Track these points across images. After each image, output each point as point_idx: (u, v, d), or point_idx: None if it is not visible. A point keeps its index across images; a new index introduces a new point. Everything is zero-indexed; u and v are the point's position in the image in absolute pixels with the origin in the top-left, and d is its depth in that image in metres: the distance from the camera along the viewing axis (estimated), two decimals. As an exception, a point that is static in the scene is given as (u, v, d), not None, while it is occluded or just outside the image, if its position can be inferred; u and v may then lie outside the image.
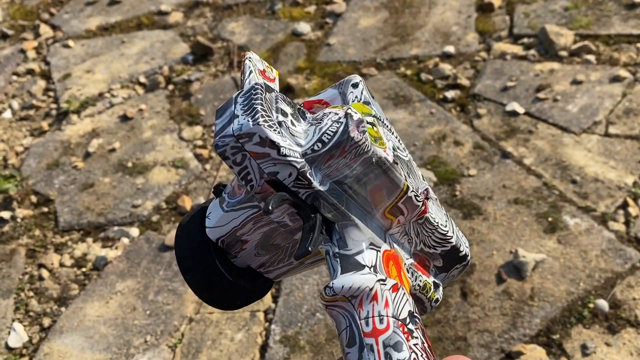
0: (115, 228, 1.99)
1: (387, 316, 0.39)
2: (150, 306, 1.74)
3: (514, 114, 2.10)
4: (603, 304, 1.51)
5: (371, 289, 0.40)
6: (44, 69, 2.85)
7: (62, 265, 1.92)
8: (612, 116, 2.02)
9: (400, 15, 2.74)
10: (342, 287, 0.40)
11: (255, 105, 0.40)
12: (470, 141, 2.04)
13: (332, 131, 0.40)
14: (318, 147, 0.40)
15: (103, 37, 2.98)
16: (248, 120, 0.39)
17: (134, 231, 1.96)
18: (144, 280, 1.81)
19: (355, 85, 0.48)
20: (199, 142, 2.27)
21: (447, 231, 0.48)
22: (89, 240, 1.98)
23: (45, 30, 3.09)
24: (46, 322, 1.76)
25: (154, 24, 3.01)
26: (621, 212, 1.72)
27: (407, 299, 0.41)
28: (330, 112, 0.42)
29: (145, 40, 2.90)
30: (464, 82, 2.28)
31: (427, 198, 0.45)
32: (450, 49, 2.45)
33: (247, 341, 1.60)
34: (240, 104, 0.41)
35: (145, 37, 2.92)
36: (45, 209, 2.12)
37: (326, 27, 2.77)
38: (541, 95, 2.14)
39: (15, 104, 2.66)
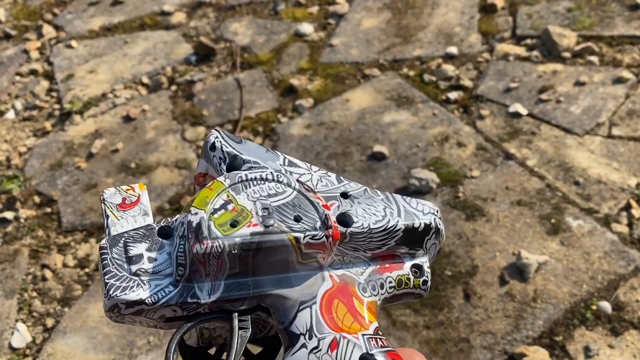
0: (118, 229, 1.99)
1: None
2: (153, 307, 1.74)
3: (517, 115, 2.10)
4: (606, 306, 1.51)
5: None
6: (47, 69, 2.85)
7: (65, 265, 1.92)
8: (615, 118, 2.02)
9: (403, 16, 2.74)
10: None
11: (105, 278, 0.40)
12: (473, 142, 2.04)
13: (181, 252, 0.40)
14: (181, 271, 0.40)
15: (106, 38, 2.98)
16: (106, 297, 0.40)
17: (137, 232, 1.96)
18: (147, 281, 1.81)
19: (212, 148, 0.46)
20: (202, 143, 2.27)
21: (385, 224, 0.45)
22: (92, 240, 1.98)
23: (48, 31, 3.10)
24: (49, 322, 1.77)
25: (157, 25, 3.01)
26: (624, 214, 1.72)
27: (354, 345, 0.41)
28: (178, 222, 0.42)
29: (148, 40, 2.90)
30: (467, 83, 2.28)
31: (328, 227, 0.42)
32: (453, 50, 2.45)
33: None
34: (100, 272, 0.42)
35: (148, 37, 2.92)
36: (49, 210, 2.12)
37: (329, 27, 2.77)
38: (544, 96, 2.14)
39: (19, 104, 2.66)
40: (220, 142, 0.46)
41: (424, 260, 0.48)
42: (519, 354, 1.45)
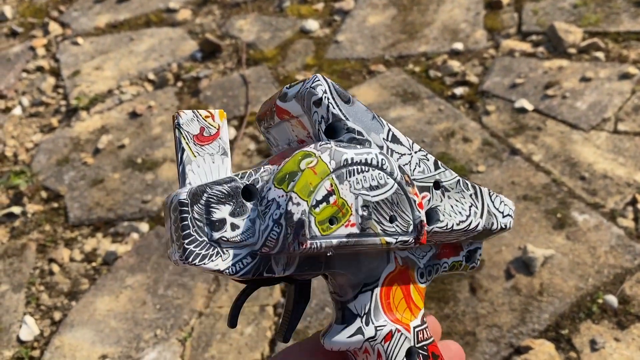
0: (125, 223, 2.00)
1: None
2: (160, 300, 1.75)
3: (523, 110, 2.10)
4: (612, 299, 1.51)
5: (360, 348, 0.42)
6: (54, 66, 2.86)
7: (72, 260, 1.93)
8: (621, 113, 2.02)
9: (408, 12, 2.74)
10: (332, 348, 0.42)
11: (184, 242, 0.36)
12: (479, 138, 2.04)
13: (273, 238, 0.38)
14: (266, 250, 0.38)
15: (112, 35, 2.99)
16: (181, 260, 0.37)
17: (144, 226, 1.97)
18: (153, 274, 1.82)
19: (317, 104, 0.40)
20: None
21: (467, 225, 0.45)
22: (99, 235, 1.99)
23: (54, 28, 3.11)
24: (57, 316, 1.78)
25: (163, 22, 3.02)
26: (630, 208, 1.72)
27: (405, 338, 0.42)
28: (269, 190, 0.38)
29: (154, 37, 2.91)
30: (473, 79, 2.28)
31: (420, 234, 0.41)
32: (459, 46, 2.45)
33: (256, 335, 1.61)
34: (172, 224, 0.38)
35: (153, 34, 2.93)
36: (56, 205, 2.13)
37: (334, 24, 2.77)
38: (550, 92, 2.14)
39: (25, 100, 2.67)
40: (328, 99, 0.40)
41: (479, 246, 0.48)
42: (525, 347, 1.45)
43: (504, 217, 0.47)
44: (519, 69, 2.28)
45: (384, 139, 0.42)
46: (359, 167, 0.39)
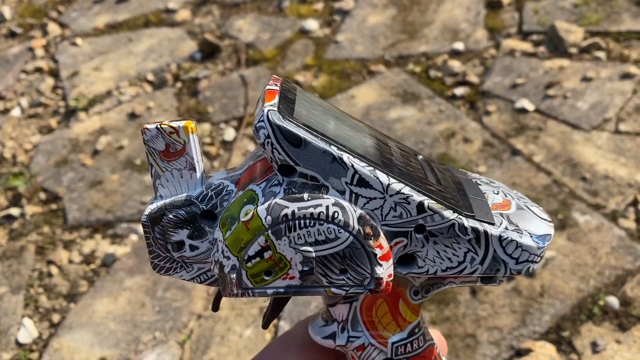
0: (124, 225, 1.99)
1: None
2: (159, 302, 1.74)
3: (524, 111, 2.09)
4: (613, 301, 1.50)
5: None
6: (52, 66, 2.86)
7: (71, 261, 1.93)
8: (622, 113, 2.00)
9: (408, 12, 2.73)
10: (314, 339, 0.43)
11: (150, 257, 0.39)
12: (479, 138, 2.03)
13: (211, 275, 0.40)
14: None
15: (111, 35, 2.99)
16: (152, 268, 0.41)
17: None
18: (152, 276, 1.81)
19: (263, 146, 0.35)
20: (207, 140, 2.27)
21: (459, 271, 0.39)
22: (98, 237, 1.98)
23: (53, 29, 3.10)
24: (55, 318, 1.77)
25: (162, 22, 3.01)
26: (631, 209, 1.71)
27: (380, 352, 0.41)
28: (217, 238, 0.38)
29: (153, 38, 2.90)
30: (473, 79, 2.27)
31: (377, 289, 0.37)
32: (459, 45, 2.44)
33: (255, 337, 1.60)
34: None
35: (153, 34, 2.92)
36: (54, 206, 2.13)
37: (334, 24, 2.76)
38: (551, 92, 2.13)
39: (24, 101, 2.66)
40: (272, 144, 0.35)
41: (499, 268, 0.39)
42: (526, 350, 1.44)
43: (518, 263, 0.38)
44: (520, 68, 2.27)
45: (347, 182, 0.36)
46: (302, 221, 0.35)
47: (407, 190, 0.36)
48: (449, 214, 0.36)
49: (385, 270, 0.36)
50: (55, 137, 2.43)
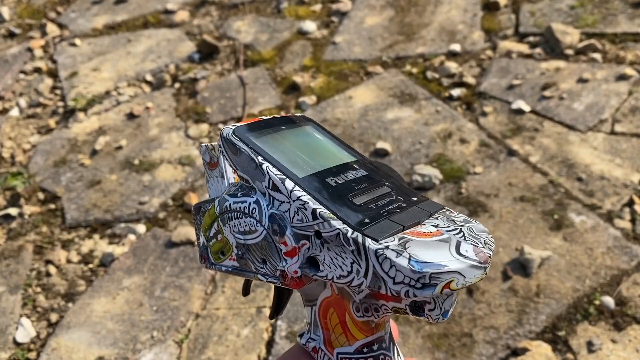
0: (122, 225, 2.00)
1: None
2: (157, 302, 1.74)
3: (520, 112, 2.10)
4: (609, 300, 1.51)
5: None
6: (51, 67, 2.86)
7: (69, 261, 1.93)
8: (618, 114, 2.02)
9: (406, 13, 2.74)
10: None
11: (196, 241, 0.50)
12: (476, 139, 2.04)
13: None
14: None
15: (109, 36, 2.99)
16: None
17: (141, 228, 1.97)
18: (150, 276, 1.82)
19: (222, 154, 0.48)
20: (206, 140, 2.27)
21: (350, 281, 0.40)
22: (96, 236, 1.99)
23: (52, 29, 3.11)
24: (54, 317, 1.77)
25: (160, 23, 3.02)
26: (627, 209, 1.72)
27: (329, 358, 0.45)
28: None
29: (152, 38, 2.91)
30: (470, 80, 2.28)
31: (283, 282, 0.43)
32: (456, 47, 2.45)
33: (253, 337, 1.61)
34: None
35: (151, 35, 2.93)
36: (53, 206, 2.13)
37: (332, 25, 2.77)
38: (547, 93, 2.14)
39: (23, 102, 2.67)
40: (223, 152, 0.47)
41: (427, 301, 0.39)
42: (522, 349, 1.45)
43: (395, 283, 0.38)
44: (516, 70, 2.28)
45: (266, 186, 0.43)
46: (234, 213, 0.44)
47: (306, 197, 0.41)
48: (336, 223, 0.39)
49: (289, 266, 0.41)
50: (54, 137, 2.44)
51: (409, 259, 0.37)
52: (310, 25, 2.76)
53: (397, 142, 2.08)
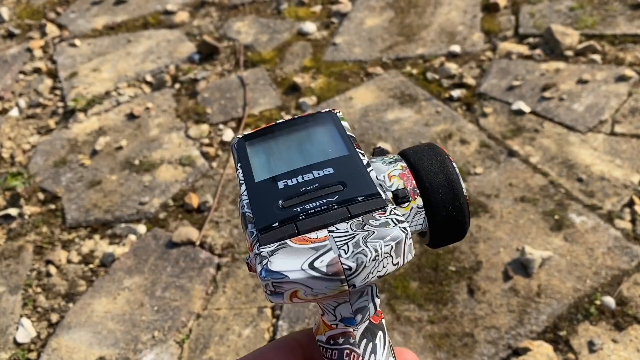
0: (123, 225, 2.00)
1: None
2: (158, 302, 1.74)
3: (520, 112, 2.11)
4: (610, 300, 1.51)
5: None
6: (51, 67, 2.86)
7: (69, 261, 1.93)
8: (618, 115, 2.02)
9: (405, 14, 2.75)
10: None
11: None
12: (476, 140, 2.04)
13: None
14: None
15: (109, 36, 2.99)
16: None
17: (141, 228, 1.97)
18: (151, 276, 1.82)
19: None
20: (206, 140, 2.27)
21: None
22: (96, 237, 1.99)
23: (51, 29, 3.11)
24: (54, 317, 1.77)
25: (160, 23, 3.02)
26: (627, 210, 1.73)
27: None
28: None
29: (152, 39, 2.91)
30: (470, 81, 2.28)
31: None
32: (456, 48, 2.45)
33: (254, 337, 1.61)
34: None
35: (151, 36, 2.93)
36: (53, 206, 2.13)
37: (332, 26, 2.78)
38: (547, 94, 2.15)
39: (22, 102, 2.67)
40: (231, 151, 0.50)
41: (280, 303, 0.40)
42: (523, 349, 1.45)
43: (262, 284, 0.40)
44: (516, 71, 2.29)
45: (242, 180, 0.47)
46: (239, 197, 0.48)
47: (245, 201, 0.43)
48: (250, 226, 0.42)
49: (250, 257, 0.41)
50: (54, 138, 2.43)
51: (263, 267, 0.38)
52: (310, 26, 2.76)
53: (398, 142, 2.08)
